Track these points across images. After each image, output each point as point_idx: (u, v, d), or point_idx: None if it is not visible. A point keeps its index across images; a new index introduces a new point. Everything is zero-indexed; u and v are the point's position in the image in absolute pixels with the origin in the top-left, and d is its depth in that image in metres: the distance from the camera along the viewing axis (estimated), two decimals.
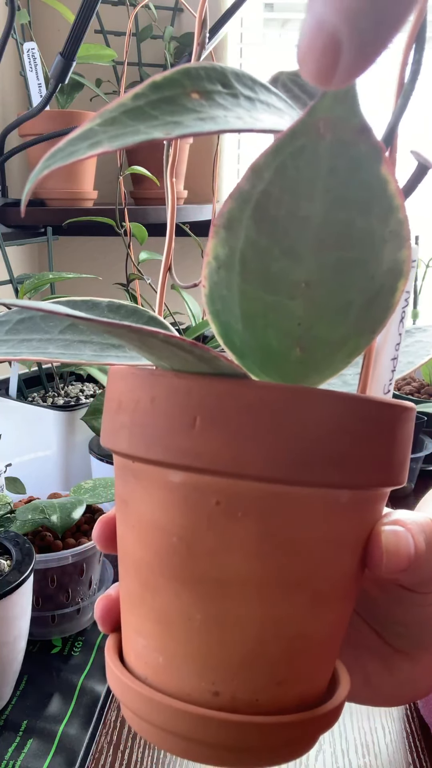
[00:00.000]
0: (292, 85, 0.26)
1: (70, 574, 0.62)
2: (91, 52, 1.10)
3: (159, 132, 0.18)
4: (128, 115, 0.19)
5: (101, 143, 0.18)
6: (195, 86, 0.20)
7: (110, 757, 0.51)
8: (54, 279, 0.83)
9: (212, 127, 0.19)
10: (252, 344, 0.22)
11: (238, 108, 0.21)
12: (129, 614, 0.23)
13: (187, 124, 0.19)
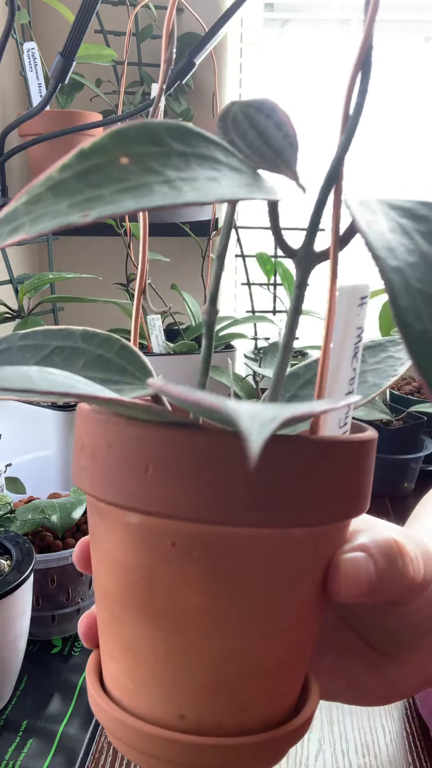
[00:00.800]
0: (243, 118, 0.25)
1: (70, 574, 0.62)
2: (91, 52, 1.10)
3: (75, 214, 0.18)
4: (53, 190, 0.19)
5: (22, 228, 0.18)
6: (124, 150, 0.20)
7: (110, 757, 0.51)
8: (54, 279, 0.83)
9: (129, 206, 0.18)
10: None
11: (168, 168, 0.20)
12: (102, 638, 0.25)
13: (108, 199, 0.18)
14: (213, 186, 0.21)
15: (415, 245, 0.21)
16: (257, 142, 0.25)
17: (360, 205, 0.22)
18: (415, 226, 0.22)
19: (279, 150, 0.25)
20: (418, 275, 0.20)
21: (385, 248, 0.20)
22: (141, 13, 1.24)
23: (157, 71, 1.28)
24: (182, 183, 0.20)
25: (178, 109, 1.27)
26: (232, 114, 0.25)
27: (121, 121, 1.02)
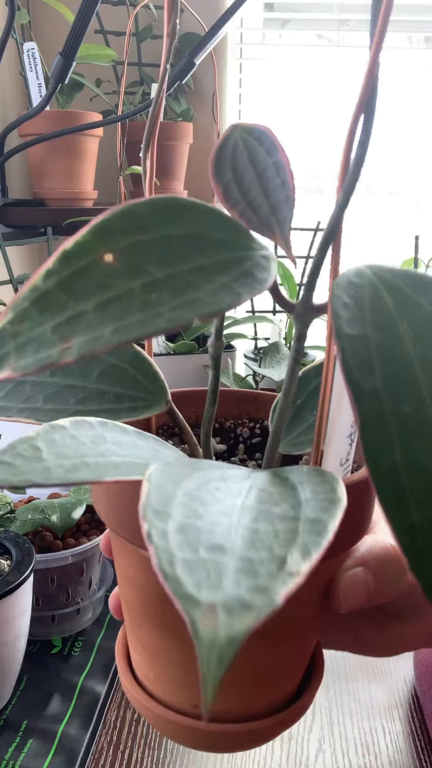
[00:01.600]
0: (243, 150, 0.25)
1: (70, 574, 0.62)
2: (91, 52, 1.10)
3: (59, 344, 0.18)
4: (38, 305, 0.19)
5: (7, 361, 0.18)
6: (107, 246, 0.20)
7: (110, 757, 0.51)
8: None
9: (112, 339, 0.18)
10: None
11: (152, 264, 0.20)
12: (128, 632, 0.28)
13: (90, 319, 0.18)
14: (202, 285, 0.20)
15: (398, 343, 0.20)
16: (254, 188, 0.25)
17: (347, 289, 0.21)
18: (401, 311, 0.21)
19: (275, 204, 0.24)
20: (395, 392, 0.19)
21: (360, 363, 0.20)
22: (141, 13, 1.24)
23: (157, 71, 1.28)
24: (168, 283, 0.20)
25: (178, 109, 1.27)
26: (233, 142, 0.25)
27: (120, 122, 1.02)
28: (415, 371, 0.19)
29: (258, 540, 0.17)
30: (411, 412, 0.19)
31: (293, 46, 1.44)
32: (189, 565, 0.16)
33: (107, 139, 1.18)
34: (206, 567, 0.16)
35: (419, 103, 1.40)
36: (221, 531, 0.17)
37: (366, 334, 0.20)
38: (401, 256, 1.31)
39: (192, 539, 0.17)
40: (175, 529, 0.17)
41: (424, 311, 0.20)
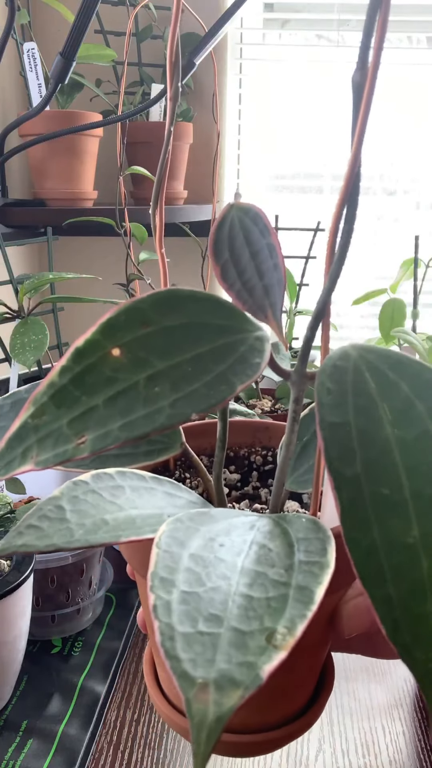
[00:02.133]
0: (239, 230, 0.27)
1: (70, 574, 0.62)
2: (91, 52, 1.10)
3: (74, 439, 0.20)
4: (55, 399, 0.21)
5: (29, 454, 0.21)
6: (114, 342, 0.22)
7: (110, 757, 0.51)
8: (54, 279, 0.83)
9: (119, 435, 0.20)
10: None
11: (154, 355, 0.22)
12: (155, 653, 0.32)
13: (102, 413, 0.21)
14: (196, 387, 0.22)
15: (377, 427, 0.22)
16: (249, 269, 0.27)
17: (331, 375, 0.23)
18: (382, 394, 0.23)
19: (268, 286, 0.26)
20: (375, 477, 0.21)
21: (343, 452, 0.21)
22: (141, 13, 1.24)
23: (157, 71, 1.28)
24: (170, 374, 0.22)
25: (178, 109, 1.27)
26: (230, 221, 0.27)
27: (120, 122, 1.02)
28: (394, 454, 0.21)
29: (251, 609, 0.19)
30: (389, 494, 0.20)
31: (293, 46, 1.44)
32: (187, 641, 0.18)
33: (107, 139, 1.18)
34: (203, 642, 0.18)
35: (419, 103, 1.40)
36: (219, 600, 0.19)
37: (348, 421, 0.21)
38: (401, 257, 1.31)
39: (192, 610, 0.18)
40: (178, 600, 0.19)
41: (403, 393, 0.22)
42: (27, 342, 0.76)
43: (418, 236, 1.17)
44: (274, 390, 0.99)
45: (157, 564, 0.20)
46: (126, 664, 0.61)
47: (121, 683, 0.59)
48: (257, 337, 0.24)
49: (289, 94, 1.42)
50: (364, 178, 0.24)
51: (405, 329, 1.11)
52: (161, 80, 1.27)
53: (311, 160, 1.46)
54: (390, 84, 1.39)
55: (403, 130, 1.43)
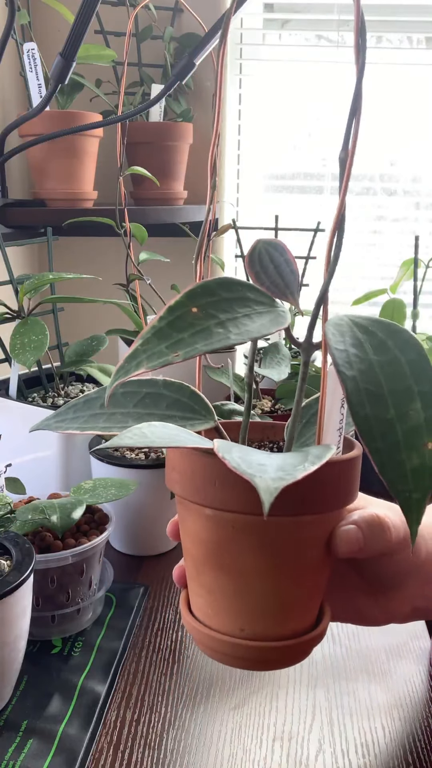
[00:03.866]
0: (265, 254, 0.40)
1: (70, 574, 0.62)
2: (91, 53, 1.10)
3: (170, 354, 0.33)
4: (156, 335, 0.33)
5: (141, 363, 0.32)
6: (193, 303, 0.35)
7: (110, 757, 0.51)
8: (54, 279, 0.83)
9: (200, 348, 0.33)
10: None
11: (220, 312, 0.35)
12: (190, 583, 0.40)
13: (187, 341, 0.33)
14: (248, 323, 0.35)
15: (365, 354, 0.35)
16: (274, 274, 0.39)
17: (334, 327, 0.36)
18: (366, 338, 0.36)
19: (288, 282, 0.39)
20: (365, 378, 0.34)
21: (346, 363, 0.34)
22: (141, 13, 1.24)
23: (157, 72, 1.28)
24: (229, 323, 0.35)
25: (178, 109, 1.27)
26: (258, 250, 0.40)
27: (120, 122, 1.02)
28: (375, 369, 0.35)
29: (284, 463, 0.31)
30: (374, 390, 0.34)
31: (293, 46, 1.44)
32: (249, 466, 0.29)
33: (107, 140, 1.19)
34: (258, 469, 0.29)
35: (419, 103, 1.40)
36: (262, 458, 0.31)
37: (346, 349, 0.35)
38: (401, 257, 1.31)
39: (246, 460, 0.30)
40: (237, 456, 0.30)
41: (378, 337, 0.36)
42: (27, 342, 0.76)
43: (418, 236, 1.17)
44: (273, 390, 0.99)
45: (219, 448, 0.31)
46: (126, 664, 0.61)
47: (121, 683, 0.59)
48: (282, 310, 0.37)
49: (289, 95, 1.42)
50: (364, 178, 0.29)
51: None
52: (161, 80, 1.27)
53: (311, 160, 1.46)
54: (390, 84, 1.39)
55: (403, 130, 1.43)
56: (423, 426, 0.33)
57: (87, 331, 0.99)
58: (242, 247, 1.10)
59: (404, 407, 0.34)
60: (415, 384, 0.34)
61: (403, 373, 0.35)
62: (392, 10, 1.36)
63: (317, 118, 1.45)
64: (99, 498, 0.65)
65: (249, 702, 0.57)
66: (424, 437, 0.33)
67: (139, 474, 0.74)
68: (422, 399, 0.34)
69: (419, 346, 0.36)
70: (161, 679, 0.59)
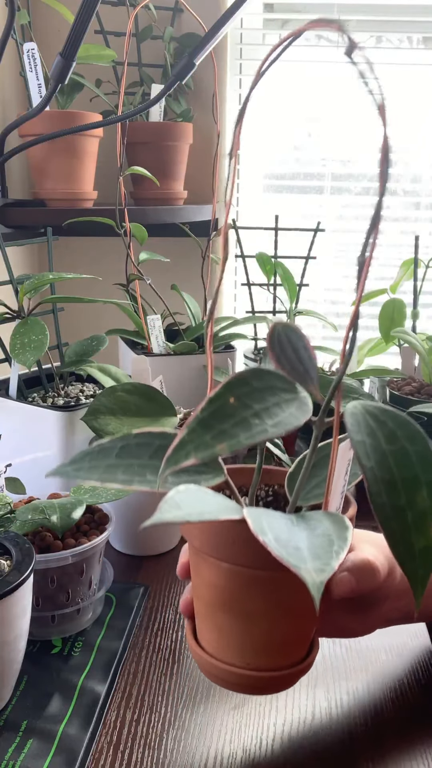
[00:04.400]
0: (285, 338, 0.42)
1: (70, 574, 0.62)
2: (90, 53, 1.10)
3: (216, 446, 0.37)
4: (201, 425, 0.37)
5: (190, 454, 0.36)
6: (231, 393, 0.38)
7: (110, 757, 0.51)
8: (54, 279, 0.83)
9: (242, 440, 0.37)
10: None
11: (254, 402, 0.39)
12: (200, 619, 0.46)
13: (229, 433, 0.37)
14: (279, 412, 0.39)
15: (378, 444, 0.40)
16: (294, 358, 0.42)
17: (351, 416, 0.40)
18: (378, 427, 0.40)
19: (307, 368, 0.42)
20: (381, 468, 0.39)
21: (365, 454, 0.39)
22: (141, 13, 1.24)
23: (157, 72, 1.28)
24: (263, 413, 0.39)
25: (178, 109, 1.27)
26: (277, 333, 0.43)
27: (120, 122, 1.02)
28: (388, 457, 0.39)
29: (315, 544, 0.36)
30: (389, 478, 0.39)
31: (293, 46, 1.44)
32: (288, 551, 0.34)
33: (107, 140, 1.19)
34: (296, 554, 0.34)
35: (419, 103, 1.40)
36: (294, 540, 0.36)
37: (364, 440, 0.40)
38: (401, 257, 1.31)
39: (281, 541, 0.35)
40: (274, 538, 0.35)
41: (389, 426, 0.41)
42: (27, 342, 0.76)
43: (418, 236, 1.17)
44: None
45: (254, 524, 0.35)
46: (126, 664, 0.61)
47: (121, 683, 0.59)
48: (304, 396, 0.41)
49: (289, 95, 1.42)
50: (364, 178, 0.28)
51: (405, 329, 1.11)
52: (161, 80, 1.27)
53: (311, 160, 1.46)
54: (390, 84, 1.39)
55: (403, 130, 1.43)
56: (429, 512, 0.38)
57: (87, 331, 0.99)
58: (242, 247, 1.10)
59: (413, 495, 0.39)
60: (422, 473, 0.39)
61: (411, 463, 0.39)
62: (392, 9, 1.36)
63: (317, 118, 1.45)
64: (99, 498, 0.65)
65: (249, 702, 0.57)
66: (429, 521, 0.38)
67: None
68: (428, 487, 0.39)
69: (425, 439, 0.40)
70: (161, 679, 0.59)
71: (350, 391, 0.82)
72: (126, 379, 0.87)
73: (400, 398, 1.02)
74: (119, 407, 0.72)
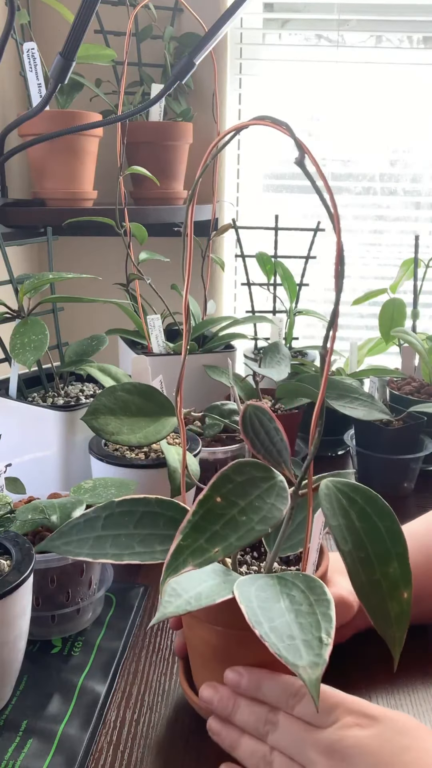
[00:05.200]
0: (255, 419, 0.48)
1: (69, 574, 0.62)
2: (90, 52, 1.10)
3: (211, 550, 0.41)
4: (193, 528, 0.41)
5: (188, 561, 0.40)
6: (218, 493, 0.43)
7: (110, 757, 0.51)
8: (54, 279, 0.83)
9: (234, 542, 0.42)
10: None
11: (239, 498, 0.44)
12: (195, 668, 0.54)
13: (221, 534, 0.42)
14: (261, 505, 0.44)
15: (352, 523, 0.45)
16: (267, 441, 0.48)
17: (326, 499, 0.46)
18: (350, 504, 0.46)
19: (279, 450, 0.48)
20: (357, 547, 0.45)
21: (342, 539, 0.44)
22: (141, 13, 1.24)
23: (157, 71, 1.28)
24: (247, 508, 0.44)
25: (178, 109, 1.27)
26: (249, 416, 0.48)
27: (120, 122, 1.02)
28: (362, 535, 0.45)
29: (304, 629, 0.40)
30: (364, 556, 0.45)
31: (293, 46, 1.44)
32: (284, 645, 0.39)
33: (107, 139, 1.19)
34: (292, 647, 0.39)
35: (419, 102, 1.40)
36: (286, 627, 0.40)
37: (340, 523, 0.45)
38: (401, 256, 1.31)
39: (279, 634, 0.40)
40: (269, 630, 0.40)
41: (359, 504, 0.46)
42: (27, 342, 0.76)
43: (418, 236, 1.17)
44: (274, 390, 0.99)
45: (248, 612, 0.40)
46: (126, 664, 0.61)
47: (121, 683, 0.59)
48: (280, 480, 0.46)
49: (289, 94, 1.42)
50: (364, 178, 0.27)
51: (405, 329, 1.11)
52: (161, 80, 1.27)
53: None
54: (390, 83, 1.39)
55: (404, 130, 1.43)
56: (400, 580, 0.45)
57: (87, 330, 0.99)
58: (242, 247, 1.10)
59: (386, 567, 0.44)
60: (392, 546, 0.45)
61: (382, 538, 0.45)
62: (392, 9, 1.36)
63: (317, 117, 1.45)
64: (99, 498, 0.65)
65: None
66: (401, 589, 0.44)
67: (139, 473, 0.74)
68: (398, 559, 0.45)
69: (392, 513, 0.46)
70: (161, 678, 0.59)
71: (350, 391, 0.82)
72: (126, 379, 0.87)
73: (400, 398, 1.02)
74: (119, 407, 0.72)
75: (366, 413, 0.79)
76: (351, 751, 0.42)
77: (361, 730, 0.43)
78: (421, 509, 0.92)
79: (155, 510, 0.49)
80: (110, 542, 0.47)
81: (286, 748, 0.45)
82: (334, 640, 0.50)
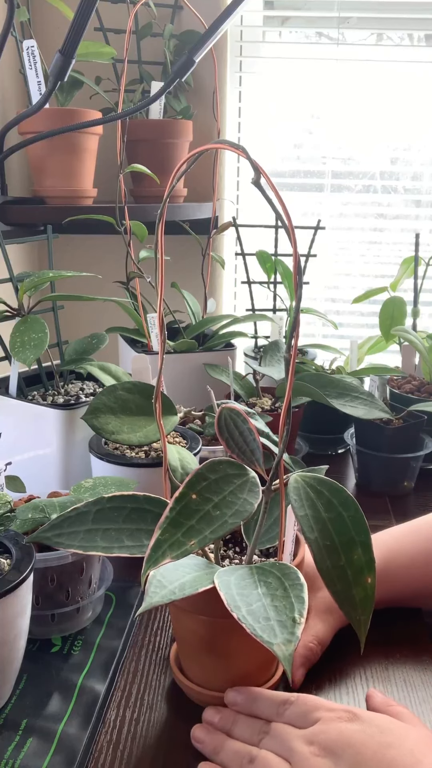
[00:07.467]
0: (230, 421, 0.51)
1: (69, 573, 0.62)
2: (90, 50, 1.10)
3: (186, 543, 0.44)
4: (171, 523, 0.44)
5: (165, 553, 0.43)
6: (192, 490, 0.46)
7: (110, 757, 0.51)
8: (54, 277, 0.82)
9: (207, 535, 0.45)
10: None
11: (213, 494, 0.47)
12: (184, 657, 0.57)
13: (196, 528, 0.45)
14: (234, 500, 0.47)
15: (319, 513, 0.48)
16: (241, 441, 0.51)
17: (294, 492, 0.49)
18: (316, 497, 0.49)
19: (252, 450, 0.51)
20: (323, 536, 0.48)
21: (309, 528, 0.48)
22: (141, 10, 1.23)
23: (157, 69, 1.28)
24: (221, 503, 0.47)
25: (178, 107, 1.26)
26: (223, 417, 0.51)
27: (120, 119, 1.02)
28: (328, 525, 0.48)
29: (279, 611, 0.43)
30: (330, 544, 0.48)
31: (293, 43, 1.44)
32: (261, 628, 0.42)
33: (107, 137, 1.18)
34: (267, 627, 0.42)
35: (420, 100, 1.40)
36: (262, 610, 0.43)
37: (306, 513, 0.49)
38: (401, 254, 1.31)
39: (256, 616, 0.43)
40: (247, 613, 0.43)
41: (325, 496, 0.49)
42: (27, 340, 0.75)
43: (418, 234, 1.17)
44: (274, 388, 0.99)
45: (228, 600, 0.43)
46: (126, 663, 0.61)
47: (120, 682, 0.59)
48: (252, 477, 0.49)
49: (290, 92, 1.42)
50: (365, 176, 0.27)
51: (405, 327, 1.11)
52: (161, 78, 1.27)
53: (312, 158, 1.46)
54: (391, 81, 1.39)
55: (404, 128, 1.43)
56: (364, 567, 0.48)
57: (87, 329, 0.99)
58: (242, 245, 1.10)
59: (350, 554, 0.48)
60: (356, 535, 0.48)
61: (347, 527, 0.48)
62: (393, 7, 1.36)
63: (317, 115, 1.44)
64: (99, 496, 0.65)
65: None
66: (365, 574, 0.47)
67: (139, 472, 0.74)
68: (362, 546, 0.48)
69: (355, 503, 0.49)
70: (161, 677, 0.59)
71: (350, 390, 0.82)
72: (126, 378, 0.87)
73: (400, 396, 1.02)
74: (119, 406, 0.72)
75: (366, 412, 0.79)
76: (335, 742, 0.44)
77: (344, 723, 0.45)
78: (422, 508, 0.92)
79: (143, 506, 0.51)
80: (100, 535, 0.49)
81: (273, 747, 0.47)
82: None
